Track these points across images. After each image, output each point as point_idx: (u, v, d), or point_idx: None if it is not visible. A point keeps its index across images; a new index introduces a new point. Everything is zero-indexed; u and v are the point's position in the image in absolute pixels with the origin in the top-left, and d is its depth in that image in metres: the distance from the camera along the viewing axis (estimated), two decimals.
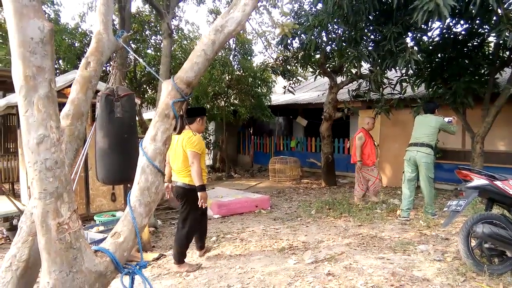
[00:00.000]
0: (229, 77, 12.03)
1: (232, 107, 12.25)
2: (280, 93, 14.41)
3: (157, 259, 4.55)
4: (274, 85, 12.94)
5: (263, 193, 8.43)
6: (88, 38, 11.32)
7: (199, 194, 4.00)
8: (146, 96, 14.21)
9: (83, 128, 2.37)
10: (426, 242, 4.63)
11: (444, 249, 4.33)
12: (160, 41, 12.54)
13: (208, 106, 12.20)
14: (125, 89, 2.86)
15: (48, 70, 1.59)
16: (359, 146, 7.03)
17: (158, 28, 12.22)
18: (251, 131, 14.25)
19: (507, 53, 7.58)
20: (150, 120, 2.46)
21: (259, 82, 12.19)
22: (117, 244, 1.87)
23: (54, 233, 1.61)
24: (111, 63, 2.93)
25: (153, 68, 11.47)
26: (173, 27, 8.53)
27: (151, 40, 13.12)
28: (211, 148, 13.02)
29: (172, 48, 9.79)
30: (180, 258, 4.15)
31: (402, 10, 6.34)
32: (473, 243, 3.66)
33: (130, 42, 11.39)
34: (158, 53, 11.77)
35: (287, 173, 10.68)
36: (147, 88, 14.27)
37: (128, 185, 4.22)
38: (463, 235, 3.58)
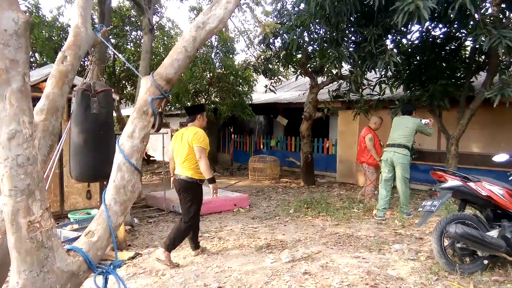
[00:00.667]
0: (211, 74, 11.96)
1: (213, 105, 12.19)
2: (261, 92, 14.42)
3: (133, 258, 4.49)
4: (255, 84, 12.94)
5: (242, 191, 8.42)
6: (66, 32, 11.07)
7: (211, 186, 4.23)
8: (125, 92, 14.01)
9: (58, 124, 2.31)
10: (401, 241, 4.72)
11: (418, 248, 4.42)
12: (140, 37, 12.38)
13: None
14: (102, 84, 2.81)
15: (22, 64, 1.54)
16: (371, 146, 6.84)
17: (139, 23, 12.05)
18: (231, 130, 14.22)
19: (483, 57, 7.79)
20: (128, 116, 2.42)
21: (241, 81, 12.18)
22: (91, 243, 1.83)
23: (25, 231, 1.56)
24: (89, 57, 2.86)
25: (133, 64, 11.31)
26: (154, 23, 8.41)
27: (131, 36, 12.94)
28: None
29: (153, 45, 9.66)
30: (170, 247, 4.18)
31: (382, 12, 6.43)
32: (446, 242, 3.75)
33: (110, 37, 11.18)
34: (138, 49, 11.61)
35: (267, 172, 10.70)
36: (126, 84, 14.08)
37: (104, 182, 4.15)
38: (436, 235, 3.66)
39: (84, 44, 2.42)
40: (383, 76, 8.26)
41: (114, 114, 11.53)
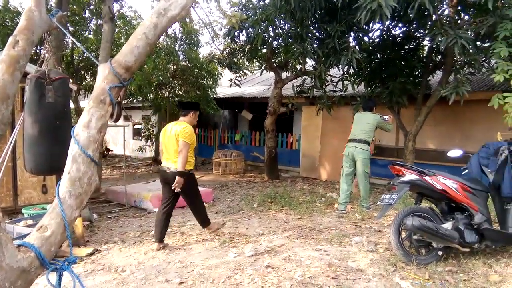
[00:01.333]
0: (174, 67, 11.74)
1: (176, 98, 11.97)
2: (226, 86, 14.33)
3: (91, 254, 4.34)
4: (220, 78, 12.83)
5: (206, 186, 8.34)
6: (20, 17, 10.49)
7: (177, 178, 4.34)
8: (84, 83, 13.48)
9: (8, 113, 2.16)
10: (361, 234, 4.84)
11: (377, 240, 4.55)
12: (101, 25, 11.91)
13: (151, 96, 11.83)
14: (59, 72, 2.67)
15: None
16: None
17: (100, 11, 11.60)
18: (195, 124, 14.05)
19: (439, 57, 8.10)
20: None
21: (205, 74, 12.03)
22: (44, 238, 1.74)
23: None
24: (44, 45, 2.71)
25: (92, 54, 10.89)
26: (115, 11, 8.12)
27: (91, 24, 12.44)
28: (153, 140, 12.65)
29: (114, 34, 9.34)
30: (206, 222, 4.76)
31: (346, 9, 6.53)
32: (404, 234, 3.87)
33: (68, 24, 10.70)
34: (98, 38, 11.18)
35: (231, 167, 10.67)
36: (85, 74, 13.55)
37: (60, 176, 3.99)
38: (394, 227, 3.77)
39: (38, 29, 2.27)
40: (345, 73, 8.41)
41: (72, 105, 11.09)
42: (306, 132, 10.29)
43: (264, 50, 9.43)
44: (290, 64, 9.67)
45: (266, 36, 8.10)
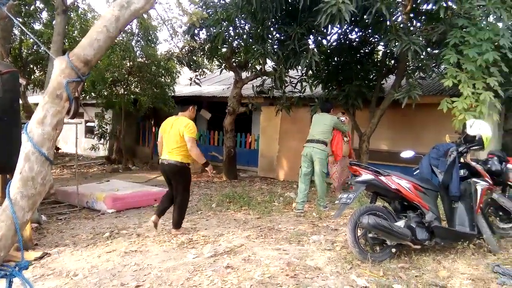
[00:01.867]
0: (131, 63, 11.39)
1: (132, 96, 11.64)
2: (183, 84, 14.13)
3: (40, 258, 4.12)
4: (178, 76, 12.62)
5: (163, 186, 8.16)
6: None
7: (207, 168, 5.00)
8: (33, 77, 12.79)
9: None
10: (318, 233, 4.93)
11: (334, 239, 4.65)
12: (52, 17, 11.33)
13: (105, 93, 11.41)
14: (7, 65, 2.50)
15: None
16: None
17: (52, 1, 11.04)
18: (152, 122, 13.72)
19: (393, 61, 8.45)
20: (36, 105, 2.18)
21: (163, 71, 11.78)
22: None
23: None
24: None
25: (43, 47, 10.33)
26: (68, 3, 7.75)
27: (41, 15, 11.81)
28: (107, 138, 12.22)
29: (67, 27, 8.91)
30: (179, 223, 4.92)
31: (306, 12, 6.63)
32: (359, 233, 3.98)
33: (16, 16, 10.08)
34: (50, 30, 10.62)
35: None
36: (35, 68, 12.86)
37: (8, 176, 3.78)
38: (351, 225, 3.87)
39: None
40: (303, 74, 8.56)
41: (20, 101, 10.47)
42: (265, 132, 10.36)
43: (224, 50, 9.39)
44: (250, 64, 9.69)
45: (227, 35, 8.07)
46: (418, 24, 7.55)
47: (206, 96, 11.94)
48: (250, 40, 7.57)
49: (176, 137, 4.72)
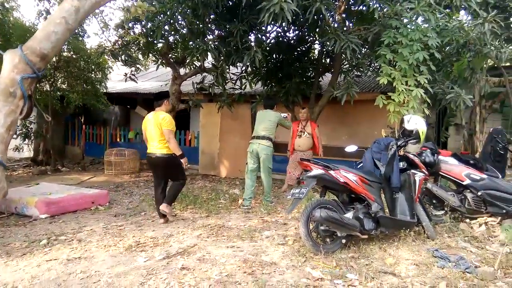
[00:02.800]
0: (57, 57, 10.59)
1: (59, 92, 10.84)
2: (116, 80, 13.47)
3: None
4: (110, 71, 11.99)
5: (99, 187, 7.76)
6: None
7: (182, 160, 5.23)
8: None
9: None
10: (269, 228, 4.99)
11: (285, 233, 4.74)
12: None
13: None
14: None
15: None
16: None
17: None
18: (81, 120, 12.93)
19: (328, 60, 8.78)
20: None
21: (93, 67, 11.11)
22: None
23: None
24: None
25: None
26: None
27: None
28: (32, 139, 11.27)
29: None
30: (171, 202, 5.28)
31: (248, 9, 6.64)
32: (311, 226, 4.09)
33: None
34: None
35: (125, 166, 10.08)
36: None
37: None
38: (303, 219, 3.96)
39: None
40: (243, 71, 8.58)
41: None
42: (205, 129, 10.24)
43: (160, 45, 9.09)
44: (187, 60, 9.48)
45: (164, 30, 7.81)
46: (350, 24, 7.90)
47: (142, 93, 11.49)
48: (191, 35, 7.38)
49: (157, 131, 5.11)
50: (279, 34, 8.48)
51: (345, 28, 7.22)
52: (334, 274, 3.47)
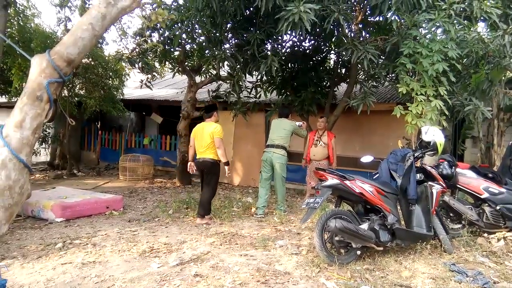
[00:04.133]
0: None
1: (77, 98, 11.03)
2: (132, 87, 13.65)
3: None
4: (127, 79, 12.17)
5: (113, 193, 7.82)
6: None
7: (226, 167, 5.87)
8: None
9: None
10: (282, 237, 4.95)
11: (298, 243, 4.70)
12: None
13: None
14: None
15: None
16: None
17: None
18: (98, 126, 13.11)
19: (343, 70, 8.76)
20: None
21: (111, 74, 11.29)
22: None
23: None
24: None
25: None
26: None
27: None
28: (49, 143, 11.46)
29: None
30: (208, 211, 5.80)
31: (265, 18, 6.68)
32: (325, 236, 4.05)
33: None
34: None
35: (139, 172, 10.16)
36: None
37: None
38: (318, 229, 3.93)
39: None
40: (258, 80, 8.62)
41: None
42: None
43: (177, 53, 9.20)
44: (203, 68, 9.57)
45: (182, 38, 7.92)
46: (367, 35, 7.89)
47: (156, 100, 11.62)
48: (209, 43, 7.45)
49: (207, 139, 5.70)
50: (295, 44, 8.50)
51: (361, 38, 7.22)
52: (348, 286, 3.43)
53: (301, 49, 8.59)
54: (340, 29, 6.99)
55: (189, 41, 8.44)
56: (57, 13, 10.32)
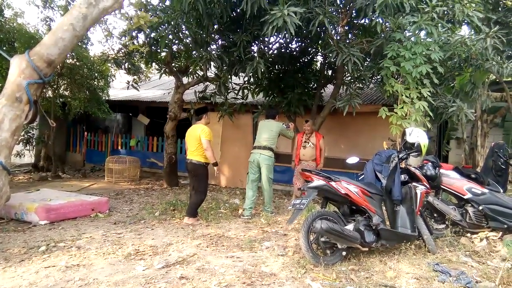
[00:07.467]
0: (60, 64, 10.63)
1: (61, 99, 10.88)
2: (118, 88, 13.53)
3: None
4: (113, 80, 12.05)
5: (99, 195, 7.73)
6: None
7: (215, 167, 5.95)
8: None
9: None
10: (269, 238, 4.96)
11: (285, 244, 4.71)
12: None
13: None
14: None
15: None
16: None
17: None
18: (83, 127, 12.95)
19: (330, 71, 8.81)
20: None
21: (96, 74, 11.16)
22: None
23: None
24: None
25: None
26: None
27: None
28: (33, 144, 11.28)
29: None
30: (194, 214, 5.87)
31: (251, 20, 6.69)
32: (311, 237, 4.07)
33: None
34: None
35: (126, 173, 10.07)
36: None
37: None
38: (304, 230, 3.94)
39: None
40: (245, 81, 8.62)
41: None
42: None
43: (163, 54, 9.15)
44: (190, 70, 9.54)
45: (168, 40, 7.88)
46: (353, 37, 7.95)
47: (144, 101, 11.53)
48: (195, 44, 7.42)
49: (195, 141, 5.82)
50: (282, 45, 8.53)
51: (347, 41, 7.27)
52: (334, 287, 3.45)
53: (288, 51, 8.62)
54: (326, 31, 7.03)
55: (176, 42, 8.40)
56: (40, 12, 10.18)
